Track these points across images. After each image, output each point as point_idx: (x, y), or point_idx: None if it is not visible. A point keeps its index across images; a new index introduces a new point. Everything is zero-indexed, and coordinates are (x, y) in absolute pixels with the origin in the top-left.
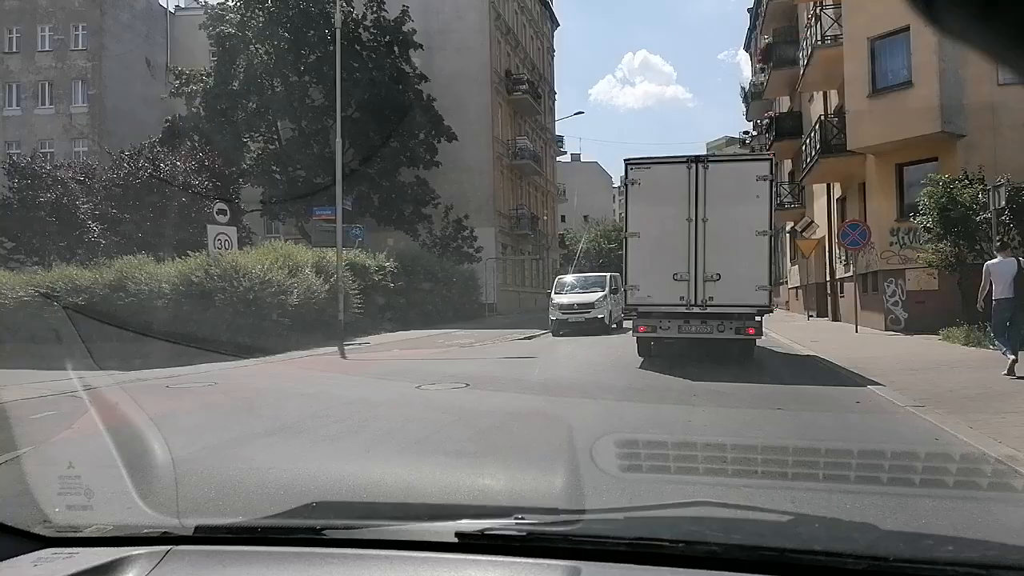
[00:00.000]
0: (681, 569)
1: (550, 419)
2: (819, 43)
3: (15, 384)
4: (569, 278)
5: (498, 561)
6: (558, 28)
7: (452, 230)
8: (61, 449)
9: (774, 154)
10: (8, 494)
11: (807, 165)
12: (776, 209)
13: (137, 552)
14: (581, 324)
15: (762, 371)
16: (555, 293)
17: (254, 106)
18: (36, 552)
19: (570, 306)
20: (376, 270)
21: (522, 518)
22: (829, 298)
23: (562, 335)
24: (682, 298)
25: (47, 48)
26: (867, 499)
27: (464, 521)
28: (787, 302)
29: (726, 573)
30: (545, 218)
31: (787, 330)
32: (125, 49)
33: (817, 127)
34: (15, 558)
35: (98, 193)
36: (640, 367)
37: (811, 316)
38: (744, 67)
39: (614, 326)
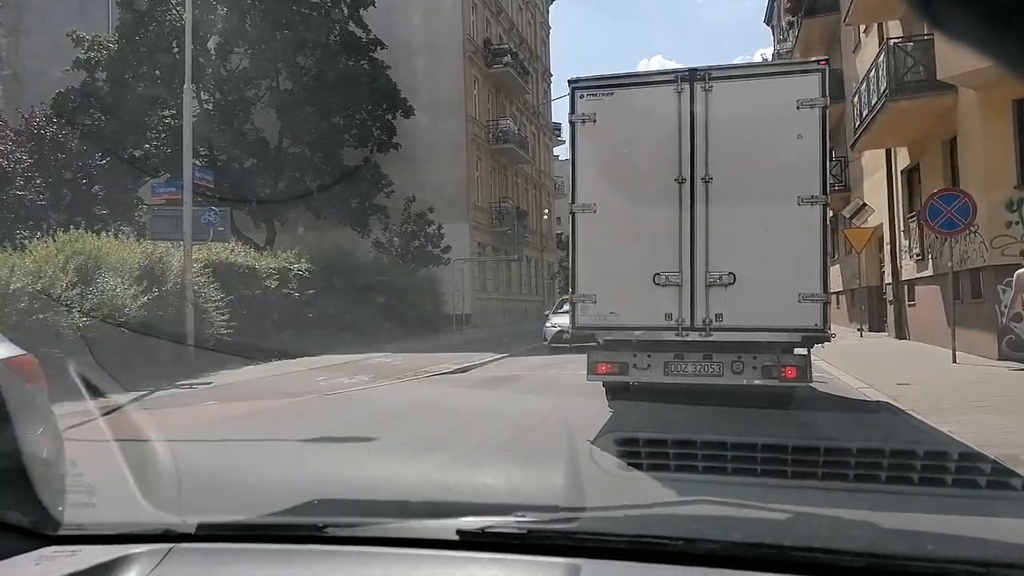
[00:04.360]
0: (681, 566)
1: None
2: None
3: None
4: None
5: (499, 559)
6: (553, 2)
7: (414, 226)
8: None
9: (827, 59)
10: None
11: (861, 124)
12: None
13: (139, 550)
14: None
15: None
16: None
17: (160, 74)
18: (37, 550)
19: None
20: (270, 274)
21: (523, 516)
22: (890, 307)
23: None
24: (670, 316)
25: None
26: (867, 497)
27: (465, 519)
28: None
29: (726, 571)
30: (545, 216)
31: (839, 356)
32: (50, 26)
33: (882, 59)
34: (16, 556)
35: None
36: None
37: (862, 331)
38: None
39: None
